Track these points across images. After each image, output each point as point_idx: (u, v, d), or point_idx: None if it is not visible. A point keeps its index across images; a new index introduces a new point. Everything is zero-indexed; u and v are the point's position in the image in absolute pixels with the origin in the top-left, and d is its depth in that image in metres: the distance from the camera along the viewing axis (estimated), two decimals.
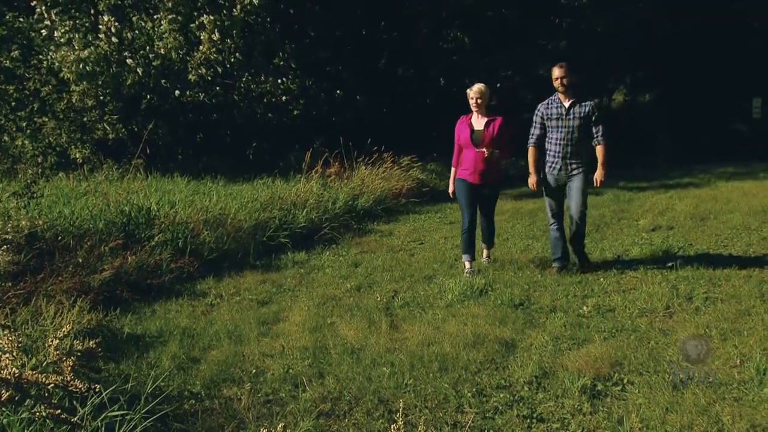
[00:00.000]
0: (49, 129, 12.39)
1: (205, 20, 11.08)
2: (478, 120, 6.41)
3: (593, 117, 6.09)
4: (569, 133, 6.07)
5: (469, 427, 3.32)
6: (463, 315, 5.16)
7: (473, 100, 6.37)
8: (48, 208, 6.96)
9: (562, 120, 6.09)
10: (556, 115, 6.12)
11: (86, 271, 5.59)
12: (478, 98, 6.36)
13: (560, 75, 6.06)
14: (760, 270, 6.21)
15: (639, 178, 13.91)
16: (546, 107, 6.20)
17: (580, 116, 6.05)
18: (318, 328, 5.00)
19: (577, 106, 6.09)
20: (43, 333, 4.05)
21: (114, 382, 3.51)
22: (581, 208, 6.13)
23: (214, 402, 3.73)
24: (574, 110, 6.06)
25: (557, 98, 6.15)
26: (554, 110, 6.14)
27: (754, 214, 9.13)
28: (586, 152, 6.16)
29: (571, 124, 6.06)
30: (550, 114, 6.15)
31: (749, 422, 3.28)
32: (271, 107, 12.87)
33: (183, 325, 5.10)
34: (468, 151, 6.40)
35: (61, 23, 11.01)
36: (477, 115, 6.43)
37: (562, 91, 6.08)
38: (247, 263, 7.12)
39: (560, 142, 6.10)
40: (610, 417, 3.43)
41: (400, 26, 15.91)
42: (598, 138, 6.11)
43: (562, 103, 6.12)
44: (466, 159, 6.41)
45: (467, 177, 6.41)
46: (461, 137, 6.45)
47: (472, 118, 6.45)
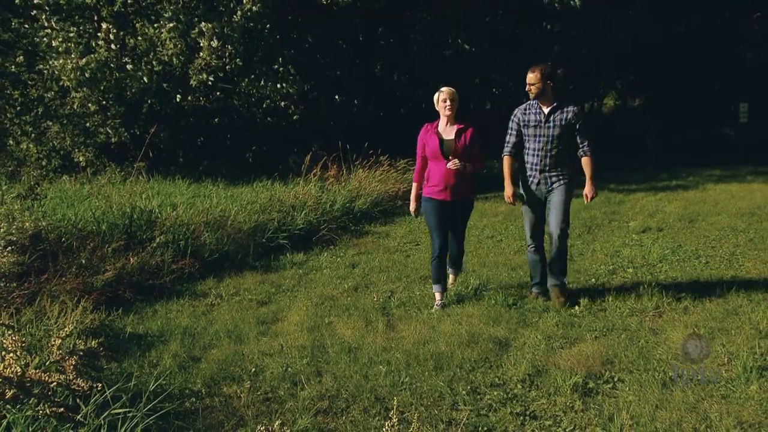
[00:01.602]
0: (53, 133, 12.36)
1: (204, 27, 11.08)
2: (447, 128, 5.41)
3: (577, 124, 5.26)
4: (548, 142, 5.24)
5: (464, 424, 3.32)
6: (458, 315, 5.16)
7: (445, 104, 5.36)
8: (52, 210, 6.95)
9: (540, 128, 5.26)
10: (534, 122, 5.29)
11: (89, 272, 5.58)
12: (451, 101, 5.36)
13: (532, 82, 5.24)
14: (746, 271, 6.23)
15: (629, 180, 13.93)
16: (523, 112, 5.38)
17: (561, 124, 5.23)
18: (316, 327, 4.99)
19: (558, 113, 5.25)
20: (47, 332, 4.04)
21: (116, 381, 3.51)
22: (562, 224, 5.24)
23: (215, 400, 3.73)
24: (554, 117, 5.24)
25: (536, 103, 5.33)
26: (532, 116, 5.32)
27: (741, 216, 9.15)
28: (568, 162, 5.35)
29: (551, 133, 5.23)
30: (527, 120, 5.33)
31: (736, 419, 3.28)
32: (271, 111, 12.86)
33: (184, 325, 5.09)
34: (436, 164, 5.39)
35: (62, 32, 10.98)
36: (446, 123, 5.42)
37: (532, 98, 5.32)
38: (246, 264, 7.11)
39: (538, 152, 5.29)
40: (601, 414, 3.43)
41: (396, 33, 15.92)
42: (583, 149, 5.31)
43: (540, 109, 5.29)
44: (435, 173, 5.39)
45: (436, 195, 5.39)
46: (429, 148, 5.41)
47: (440, 125, 5.45)
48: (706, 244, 7.49)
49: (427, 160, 5.45)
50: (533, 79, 5.23)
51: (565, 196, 5.26)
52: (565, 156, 5.30)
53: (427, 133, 5.46)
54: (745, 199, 10.82)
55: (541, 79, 5.21)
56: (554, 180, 5.29)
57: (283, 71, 12.38)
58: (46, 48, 11.12)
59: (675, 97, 20.70)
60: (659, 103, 21.74)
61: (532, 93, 5.25)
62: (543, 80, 5.21)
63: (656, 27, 18.47)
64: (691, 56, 19.13)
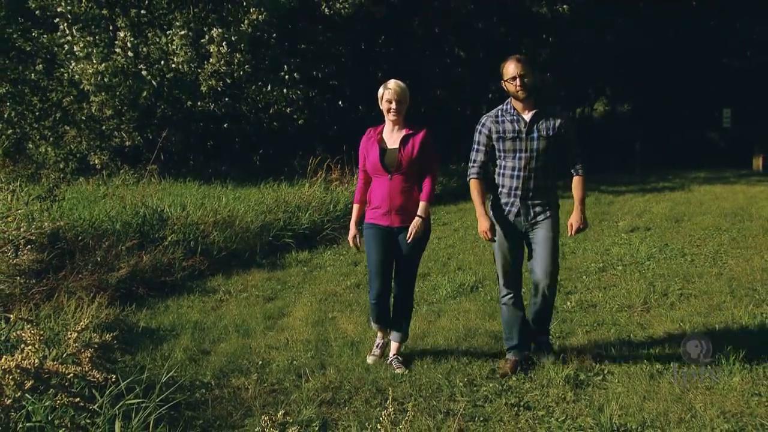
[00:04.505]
0: (70, 137, 12.39)
1: (214, 33, 11.08)
2: (394, 134, 3.98)
3: (567, 135, 3.82)
4: (531, 159, 3.76)
5: (461, 415, 3.32)
6: (456, 310, 5.16)
7: (389, 104, 3.90)
8: (69, 211, 6.95)
9: (520, 141, 3.77)
10: (512, 133, 3.77)
11: (104, 269, 5.59)
12: (398, 102, 3.89)
13: (519, 72, 3.70)
14: (730, 268, 6.22)
15: (618, 182, 13.91)
16: (495, 120, 3.83)
17: (548, 135, 3.76)
18: (320, 322, 4.99)
19: (543, 121, 3.77)
20: (64, 326, 4.05)
21: (130, 373, 3.51)
22: (550, 268, 3.80)
23: (224, 391, 3.73)
24: (538, 126, 3.76)
25: (512, 108, 3.81)
26: (508, 125, 3.79)
27: (724, 216, 9.14)
28: (553, 186, 3.90)
29: (535, 147, 3.76)
30: (503, 132, 3.79)
31: (720, 409, 3.28)
32: (277, 117, 12.86)
33: (194, 320, 5.09)
34: (378, 180, 3.97)
35: (81, 38, 11.01)
36: (392, 127, 3.98)
37: (522, 97, 3.74)
38: (253, 262, 7.11)
39: (518, 173, 3.80)
40: (592, 405, 3.43)
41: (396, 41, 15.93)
42: (576, 167, 3.88)
43: (519, 116, 3.78)
44: (376, 192, 3.97)
45: (378, 219, 3.97)
46: (368, 160, 3.99)
47: (384, 131, 4.02)
48: (691, 243, 7.48)
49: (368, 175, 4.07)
50: (522, 69, 3.71)
51: (553, 231, 3.84)
52: (551, 177, 3.87)
53: (368, 141, 4.03)
54: (729, 200, 10.81)
55: (532, 71, 3.77)
56: (539, 210, 3.84)
57: (288, 78, 12.39)
58: (66, 55, 11.13)
59: (662, 103, 20.70)
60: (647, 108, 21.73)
61: (522, 92, 3.73)
62: (534, 73, 3.80)
63: (644, 37, 18.48)
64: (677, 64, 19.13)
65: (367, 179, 4.07)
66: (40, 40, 11.78)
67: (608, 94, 24.32)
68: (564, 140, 3.82)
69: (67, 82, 11.65)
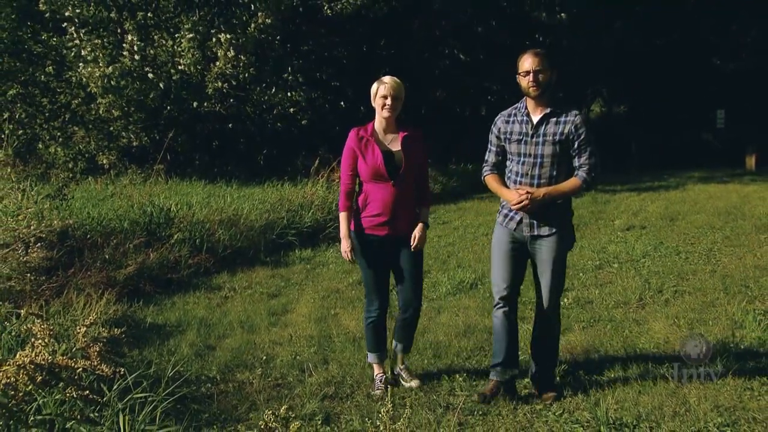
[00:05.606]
0: (79, 137, 12.40)
1: (222, 38, 11.10)
2: (388, 135, 3.59)
3: (576, 141, 3.32)
4: (536, 165, 3.33)
5: (460, 409, 3.32)
6: (455, 307, 5.16)
7: (384, 100, 3.50)
8: (78, 209, 6.96)
9: (525, 143, 3.35)
10: (518, 134, 3.38)
11: (112, 267, 5.60)
12: (392, 96, 3.50)
13: (534, 67, 3.27)
14: (723, 266, 6.22)
15: (615, 181, 13.89)
16: (506, 120, 3.46)
17: (555, 139, 3.30)
18: (323, 318, 5.00)
19: (552, 123, 3.32)
20: (74, 322, 4.05)
21: (138, 367, 3.52)
22: (555, 288, 3.45)
23: (229, 385, 3.74)
24: (546, 129, 3.32)
25: (524, 107, 3.40)
26: (516, 126, 3.40)
27: (718, 215, 9.13)
28: (565, 201, 3.45)
29: (539, 152, 3.32)
30: (509, 132, 3.41)
31: (713, 403, 3.29)
32: (281, 117, 12.86)
33: (200, 316, 5.10)
34: (377, 186, 3.54)
35: (89, 42, 11.01)
36: (384, 126, 3.60)
37: (534, 95, 3.31)
38: (258, 259, 7.11)
39: (521, 179, 3.37)
40: (588, 398, 3.43)
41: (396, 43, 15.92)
42: (580, 171, 3.35)
43: (529, 116, 3.37)
44: (376, 199, 3.54)
45: (376, 229, 3.57)
46: (368, 164, 3.52)
47: (377, 131, 3.61)
48: (685, 241, 7.47)
49: (361, 181, 3.61)
50: (538, 64, 3.28)
51: (559, 252, 3.39)
52: None
53: (361, 141, 3.56)
54: (722, 199, 10.79)
55: (549, 67, 3.32)
56: (542, 225, 3.36)
57: (292, 80, 12.40)
58: (74, 58, 11.14)
59: (657, 104, 20.67)
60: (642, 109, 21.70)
61: (534, 89, 3.30)
62: (551, 68, 3.33)
63: (639, 40, 18.46)
64: (671, 66, 19.10)
65: (356, 184, 3.63)
66: (49, 43, 11.79)
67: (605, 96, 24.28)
68: (574, 145, 3.32)
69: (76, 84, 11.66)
